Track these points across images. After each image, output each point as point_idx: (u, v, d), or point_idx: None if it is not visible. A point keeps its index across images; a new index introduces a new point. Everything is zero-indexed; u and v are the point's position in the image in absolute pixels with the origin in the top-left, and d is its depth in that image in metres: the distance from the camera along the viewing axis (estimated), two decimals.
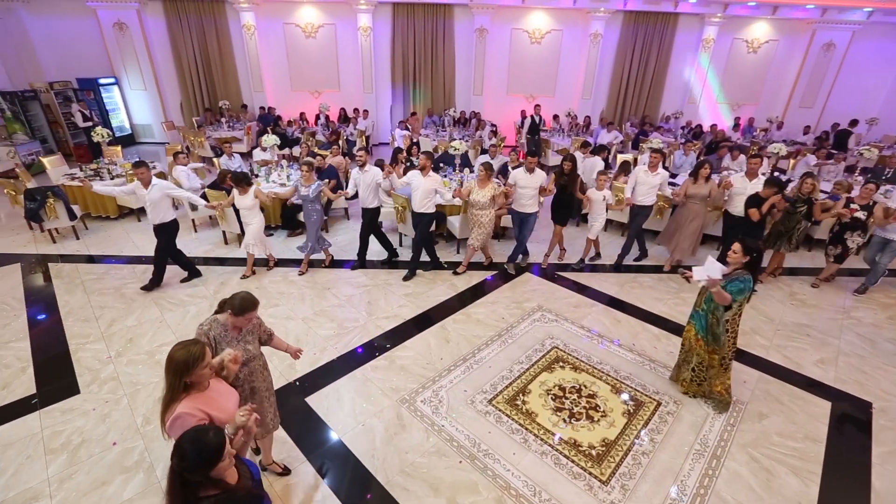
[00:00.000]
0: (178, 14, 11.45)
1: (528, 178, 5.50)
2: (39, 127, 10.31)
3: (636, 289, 5.62)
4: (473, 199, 5.49)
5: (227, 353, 2.20)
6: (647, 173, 5.76)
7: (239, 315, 2.45)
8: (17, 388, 3.82)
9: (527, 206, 5.62)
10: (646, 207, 5.91)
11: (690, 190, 5.62)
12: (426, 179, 5.43)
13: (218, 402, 2.05)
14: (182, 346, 1.95)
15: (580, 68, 12.31)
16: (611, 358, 4.33)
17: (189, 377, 1.93)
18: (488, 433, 3.44)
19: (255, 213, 5.42)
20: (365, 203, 5.70)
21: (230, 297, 2.49)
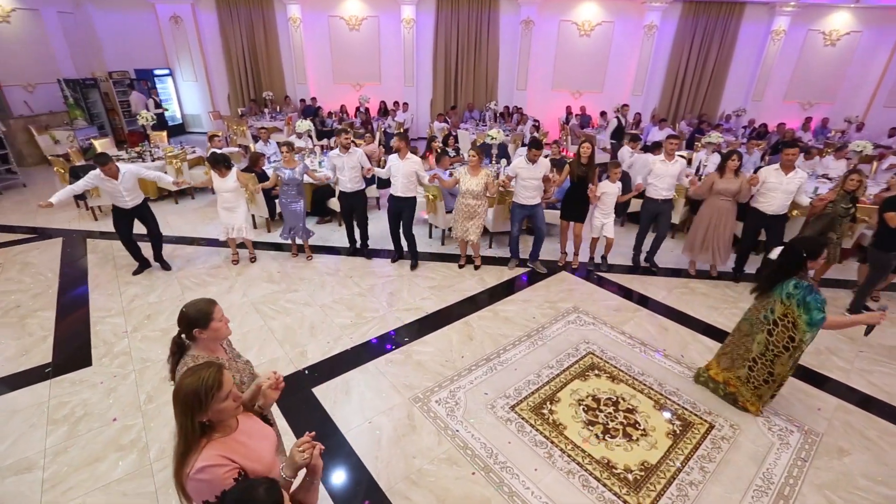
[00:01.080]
0: (229, 7, 11.76)
1: (530, 168, 4.97)
2: (98, 114, 10.85)
3: (687, 295, 5.02)
4: (466, 188, 5.04)
5: (264, 378, 1.70)
6: (665, 163, 5.10)
7: (206, 326, 1.85)
8: (35, 356, 3.82)
9: (530, 198, 5.10)
10: (666, 202, 5.25)
11: (718, 185, 4.85)
12: (404, 162, 5.04)
13: (250, 448, 1.50)
14: (192, 371, 1.43)
15: (632, 62, 11.58)
16: (655, 369, 3.80)
17: (206, 415, 1.39)
18: (508, 443, 3.04)
19: (238, 197, 5.14)
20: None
21: (180, 313, 1.89)
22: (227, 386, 1.43)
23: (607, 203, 5.19)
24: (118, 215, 4.91)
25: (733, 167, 4.75)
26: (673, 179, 5.13)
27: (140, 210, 4.96)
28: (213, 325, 1.88)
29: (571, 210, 5.31)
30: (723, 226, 4.97)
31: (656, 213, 5.31)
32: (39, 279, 5.03)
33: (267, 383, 1.71)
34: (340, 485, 2.74)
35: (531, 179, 4.98)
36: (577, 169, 5.07)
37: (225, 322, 1.95)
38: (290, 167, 5.20)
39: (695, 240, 5.19)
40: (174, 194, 7.44)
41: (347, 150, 5.18)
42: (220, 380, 1.41)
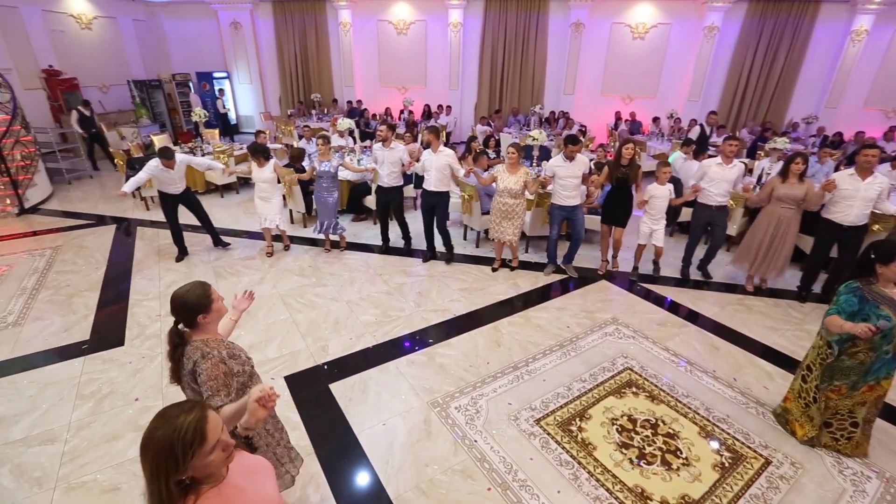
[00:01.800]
0: (285, 13, 12.25)
1: (568, 166, 4.68)
2: (160, 113, 11.57)
3: (743, 313, 4.53)
4: (503, 187, 4.81)
5: (258, 388, 1.38)
6: (722, 166, 4.65)
7: (206, 310, 1.76)
8: (75, 333, 3.97)
9: (569, 198, 4.81)
10: (718, 209, 4.79)
11: (781, 191, 4.34)
12: (437, 156, 4.92)
13: (249, 492, 1.23)
14: (164, 417, 1.08)
15: (689, 66, 10.94)
16: (702, 392, 3.41)
17: (185, 474, 1.08)
18: (530, 459, 2.79)
19: (274, 188, 5.24)
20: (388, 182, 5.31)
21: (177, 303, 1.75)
22: (212, 435, 1.09)
23: (656, 208, 4.81)
24: (166, 200, 5.14)
25: (797, 171, 4.26)
26: (729, 185, 4.68)
27: (185, 196, 5.19)
28: (214, 305, 1.79)
29: (611, 213, 4.97)
30: (782, 236, 4.46)
31: (709, 221, 4.87)
32: (90, 262, 5.31)
33: (256, 395, 1.35)
34: (346, 487, 2.60)
35: (569, 178, 4.70)
36: (615, 170, 4.74)
37: (221, 299, 1.86)
38: (326, 160, 5.21)
39: (748, 250, 4.69)
40: (220, 188, 7.72)
41: (388, 145, 5.15)
42: (204, 430, 1.07)
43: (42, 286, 4.75)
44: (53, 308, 4.36)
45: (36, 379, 3.40)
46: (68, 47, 10.70)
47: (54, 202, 7.45)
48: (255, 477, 1.29)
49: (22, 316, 4.22)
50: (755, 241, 4.61)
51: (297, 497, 2.52)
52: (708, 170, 4.71)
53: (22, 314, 4.25)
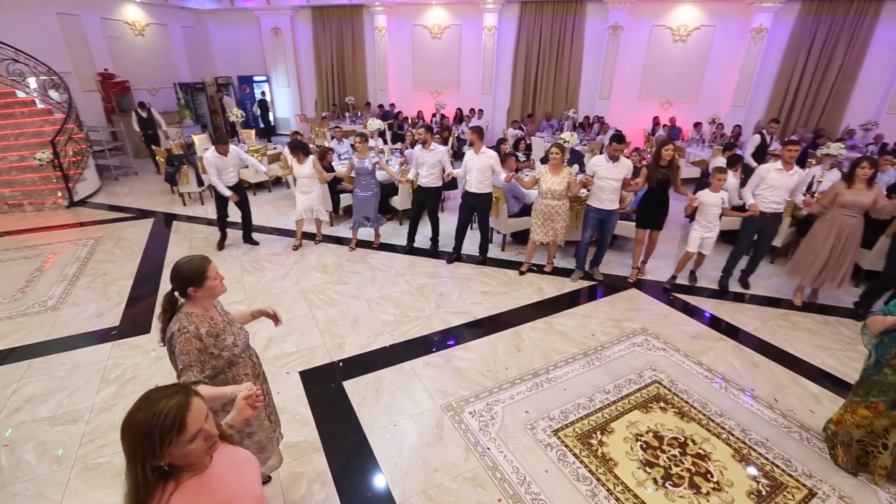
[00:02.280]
0: (323, 19, 12.57)
1: (611, 167, 4.49)
2: (203, 114, 12.06)
3: (787, 329, 4.19)
4: (546, 188, 4.66)
5: (246, 387, 1.43)
6: (781, 172, 4.33)
7: (200, 284, 1.75)
8: (107, 319, 4.12)
9: (607, 202, 4.62)
10: (772, 217, 4.49)
11: (846, 197, 3.99)
12: (479, 157, 4.87)
13: (232, 484, 1.18)
14: (147, 399, 1.05)
15: (734, 70, 10.42)
16: (738, 412, 3.15)
17: (163, 460, 1.04)
18: (545, 472, 2.63)
19: (314, 182, 5.42)
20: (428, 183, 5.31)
21: (174, 270, 1.77)
22: (193, 424, 1.04)
23: (708, 216, 4.54)
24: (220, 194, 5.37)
25: (864, 176, 3.90)
26: (787, 192, 4.38)
27: (237, 189, 5.39)
28: (207, 283, 1.78)
29: (648, 216, 4.75)
30: (844, 247, 4.11)
31: (760, 228, 4.58)
32: (128, 252, 5.53)
33: (245, 393, 1.40)
34: (352, 487, 2.53)
35: (610, 180, 4.53)
36: (654, 172, 4.52)
37: (220, 279, 1.84)
38: (363, 157, 5.27)
39: (804, 261, 4.35)
40: (252, 186, 7.93)
41: (428, 147, 5.17)
42: (184, 418, 1.03)
43: (82, 274, 4.97)
44: (90, 294, 4.54)
45: (67, 361, 3.53)
46: (122, 52, 11.34)
47: (101, 196, 7.86)
48: (239, 470, 1.24)
49: (61, 301, 4.43)
50: (812, 250, 4.29)
51: (301, 495, 2.47)
52: (766, 175, 4.42)
53: (61, 299, 4.45)
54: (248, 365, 2.00)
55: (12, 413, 3.04)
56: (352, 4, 12.12)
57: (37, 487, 2.52)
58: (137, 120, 9.16)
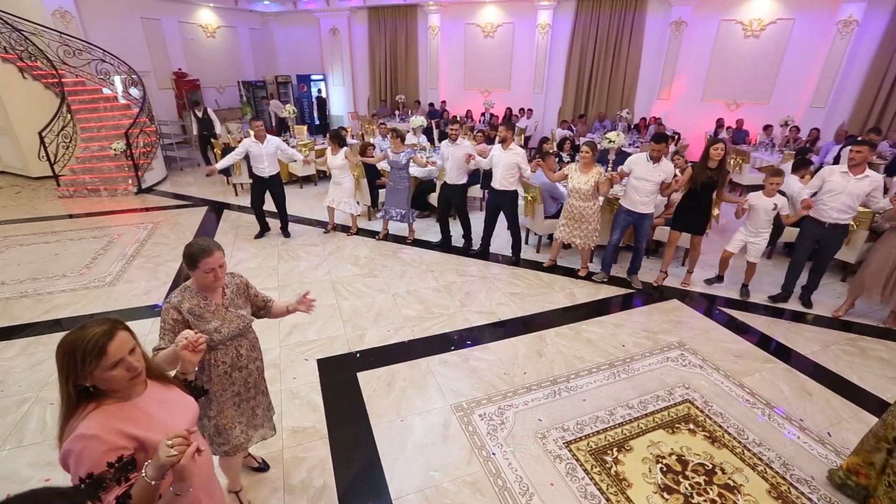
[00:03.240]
0: (378, 19, 12.86)
1: (650, 168, 4.20)
2: (262, 111, 12.74)
3: (854, 356, 3.71)
4: (573, 187, 4.47)
5: (183, 335, 1.47)
6: (847, 175, 3.82)
7: (193, 268, 1.76)
8: (153, 297, 4.43)
9: (640, 204, 4.32)
10: (832, 228, 3.98)
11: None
12: (506, 153, 4.78)
13: (155, 419, 1.25)
14: (81, 326, 1.16)
15: (814, 68, 9.44)
16: (780, 443, 2.81)
17: (87, 381, 1.15)
18: (550, 484, 2.49)
19: (345, 173, 5.60)
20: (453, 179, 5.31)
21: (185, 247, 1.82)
22: (114, 354, 1.14)
23: (756, 221, 4.20)
24: (255, 182, 5.60)
25: None
26: (852, 200, 3.87)
27: (272, 182, 5.57)
28: (197, 272, 1.76)
29: (686, 219, 4.42)
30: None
31: (818, 238, 4.11)
32: (180, 237, 5.93)
33: (182, 343, 1.45)
34: (350, 478, 2.52)
35: (646, 181, 4.24)
36: (700, 174, 4.18)
37: (214, 274, 1.78)
38: (398, 151, 5.34)
39: (870, 270, 3.92)
40: (300, 179, 8.25)
41: (455, 141, 5.17)
42: (105, 346, 1.13)
43: (139, 254, 5.39)
44: (142, 273, 4.91)
45: None
46: (195, 52, 12.25)
47: (166, 184, 8.51)
48: (168, 409, 1.32)
49: (117, 277, 4.82)
50: (878, 263, 3.85)
51: (300, 479, 2.50)
52: (828, 178, 3.95)
53: (118, 276, 4.85)
54: (230, 355, 1.97)
55: None
56: (406, 4, 12.30)
57: None
58: (195, 120, 9.07)
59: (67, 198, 7.54)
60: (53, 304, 4.29)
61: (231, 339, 1.96)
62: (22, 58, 7.96)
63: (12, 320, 4.03)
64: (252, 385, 2.12)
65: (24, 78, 8.07)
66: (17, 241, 5.74)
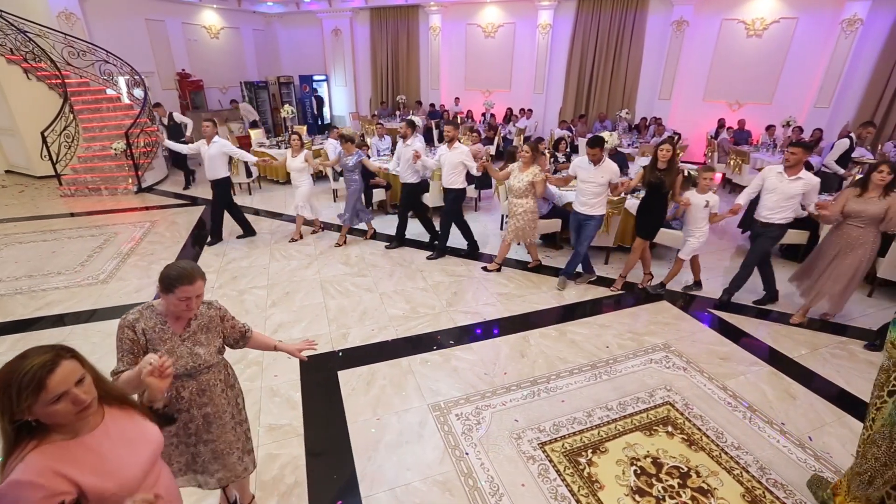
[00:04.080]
0: (381, 19, 12.91)
1: (591, 170, 4.22)
2: (264, 111, 12.85)
3: (843, 359, 3.65)
4: (510, 185, 4.63)
5: (147, 361, 1.35)
6: (782, 176, 3.89)
7: (167, 292, 1.61)
8: (143, 294, 4.48)
9: (586, 206, 4.36)
10: (772, 227, 4.02)
11: (853, 205, 3.60)
12: (452, 152, 4.99)
13: (104, 459, 1.14)
14: (20, 355, 1.06)
15: (818, 67, 9.32)
16: (759, 446, 2.78)
17: (20, 414, 1.04)
18: (521, 485, 2.48)
19: (304, 176, 5.57)
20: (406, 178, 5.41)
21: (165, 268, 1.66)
22: (55, 387, 1.02)
23: (691, 218, 4.23)
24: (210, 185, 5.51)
25: (881, 182, 3.47)
26: (785, 200, 3.90)
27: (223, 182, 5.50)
28: (170, 298, 1.61)
29: (643, 225, 4.45)
30: (841, 258, 3.72)
31: (757, 234, 4.21)
32: (175, 236, 6.00)
33: (147, 370, 1.34)
34: (322, 475, 2.53)
35: (590, 183, 4.29)
36: (649, 175, 4.19)
37: (188, 304, 1.63)
38: (349, 154, 5.41)
39: (807, 266, 4.05)
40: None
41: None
42: (44, 380, 1.01)
43: (133, 252, 5.46)
44: (135, 272, 4.97)
45: (102, 329, 3.88)
46: (199, 53, 12.38)
47: (166, 184, 8.61)
48: (122, 445, 1.20)
49: (111, 275, 4.89)
50: (815, 260, 3.96)
51: (272, 476, 2.51)
52: (767, 176, 4.02)
53: (111, 274, 4.92)
54: (188, 388, 1.79)
55: None
56: (408, 5, 12.34)
57: None
58: (163, 128, 8.09)
59: (69, 196, 7.66)
60: (46, 300, 4.37)
61: (187, 374, 1.76)
62: (27, 59, 8.11)
63: (6, 316, 4.10)
64: (193, 432, 1.85)
65: (28, 79, 8.22)
66: (16, 239, 5.84)
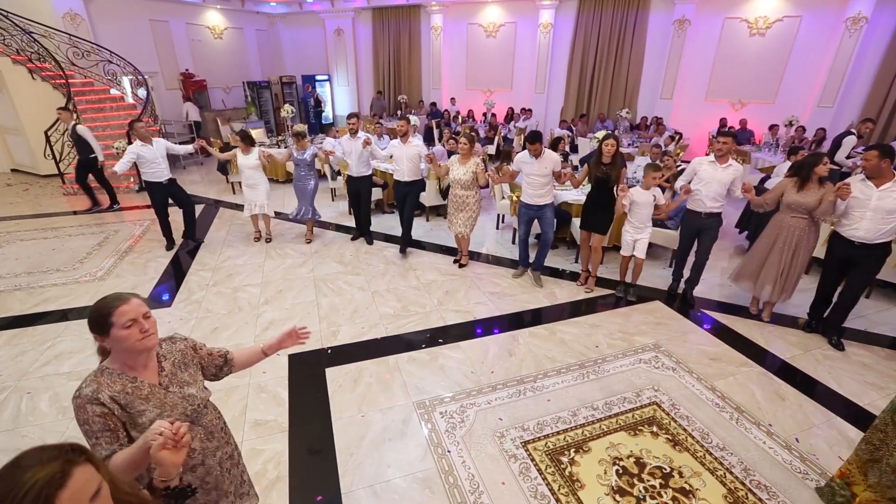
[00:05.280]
0: (382, 19, 12.94)
1: (536, 164, 4.33)
2: (266, 111, 12.92)
3: (835, 360, 3.61)
4: (454, 177, 4.68)
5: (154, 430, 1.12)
6: (715, 165, 3.96)
7: (105, 331, 1.30)
8: (139, 291, 4.33)
9: (537, 197, 4.48)
10: (708, 217, 4.09)
11: (791, 197, 3.69)
12: (407, 147, 5.05)
13: None
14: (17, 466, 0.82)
15: (822, 66, 9.21)
16: (744, 447, 2.76)
17: None
18: (501, 483, 2.48)
19: (260, 174, 5.42)
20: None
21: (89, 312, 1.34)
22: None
23: (639, 215, 4.22)
24: (152, 191, 5.24)
25: (821, 173, 3.55)
26: (722, 188, 3.97)
27: (172, 186, 5.31)
28: (114, 334, 1.29)
29: (588, 218, 4.49)
30: (783, 249, 3.80)
31: (698, 229, 4.20)
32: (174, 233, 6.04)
33: (158, 443, 1.10)
34: (303, 471, 2.55)
35: (535, 176, 4.39)
36: (595, 169, 4.26)
37: (139, 327, 1.32)
38: (302, 149, 5.46)
39: (749, 260, 4.08)
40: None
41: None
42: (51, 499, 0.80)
43: (131, 250, 5.52)
44: (132, 269, 5.03)
45: None
46: (202, 54, 12.48)
47: None
48: None
49: (108, 272, 4.94)
50: (758, 253, 3.97)
51: (254, 471, 2.53)
52: (698, 168, 4.08)
53: (108, 271, 4.98)
54: (197, 437, 1.49)
55: (42, 366, 3.43)
56: (410, 4, 12.36)
57: (41, 432, 2.82)
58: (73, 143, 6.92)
59: (71, 195, 7.76)
60: (44, 297, 4.43)
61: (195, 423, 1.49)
62: (32, 59, 8.22)
63: (3, 312, 4.17)
64: (213, 486, 1.54)
65: (33, 79, 8.33)
66: (18, 237, 5.92)
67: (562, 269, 5.09)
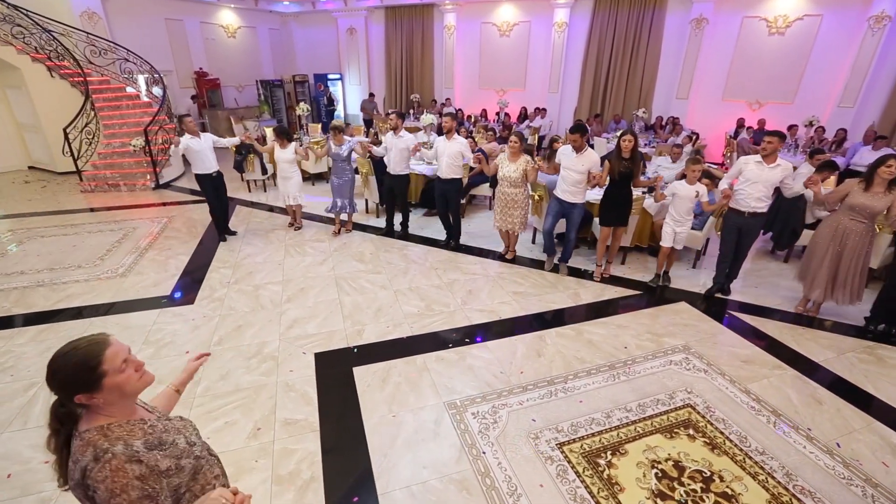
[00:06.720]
0: (395, 18, 12.92)
1: (574, 158, 4.32)
2: (279, 109, 12.94)
3: (870, 364, 3.54)
4: (503, 175, 4.69)
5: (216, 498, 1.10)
6: (761, 164, 3.89)
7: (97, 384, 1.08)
8: (161, 288, 4.53)
9: (568, 194, 4.46)
10: (751, 217, 4.05)
11: (856, 199, 3.60)
12: (450, 143, 5.06)
13: None
14: None
15: (843, 66, 9.07)
16: (785, 452, 2.69)
17: None
18: (539, 486, 2.44)
19: (294, 168, 5.66)
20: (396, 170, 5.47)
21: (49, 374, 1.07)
22: None
23: (680, 209, 4.28)
24: (201, 182, 5.43)
25: (889, 176, 3.42)
26: (768, 188, 3.95)
27: (220, 177, 5.52)
28: (108, 381, 1.08)
29: (611, 213, 4.51)
30: (842, 251, 3.74)
31: (739, 227, 4.18)
32: (192, 231, 6.06)
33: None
34: (338, 471, 2.52)
35: (572, 171, 4.39)
36: (617, 165, 4.29)
37: (135, 365, 1.16)
38: (339, 144, 5.52)
39: (807, 260, 4.04)
40: (312, 177, 8.34)
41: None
42: None
43: (151, 247, 5.53)
44: (153, 266, 5.03)
45: (120, 322, 3.93)
46: (216, 52, 12.52)
47: (183, 180, 8.72)
48: None
49: (129, 269, 4.95)
50: (814, 252, 3.94)
51: (288, 471, 2.51)
52: (744, 167, 4.02)
53: (130, 267, 4.98)
54: (214, 462, 1.35)
55: None
56: (423, 3, 12.33)
57: None
58: None
59: (89, 192, 7.80)
60: (67, 293, 4.43)
61: (203, 446, 1.32)
62: (51, 57, 8.27)
63: (27, 308, 4.18)
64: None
65: (52, 77, 8.39)
66: (38, 234, 5.95)
67: (584, 270, 5.03)
